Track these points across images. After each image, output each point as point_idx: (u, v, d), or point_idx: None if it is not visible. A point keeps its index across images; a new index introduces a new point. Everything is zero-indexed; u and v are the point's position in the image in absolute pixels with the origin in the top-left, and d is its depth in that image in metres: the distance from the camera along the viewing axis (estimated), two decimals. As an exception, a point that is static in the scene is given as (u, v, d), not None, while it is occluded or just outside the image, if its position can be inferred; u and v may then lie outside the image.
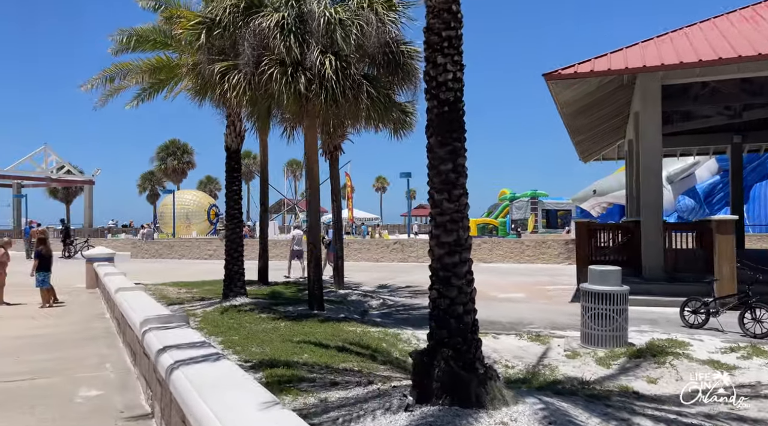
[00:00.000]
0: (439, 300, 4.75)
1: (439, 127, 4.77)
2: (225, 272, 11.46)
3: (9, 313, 11.14)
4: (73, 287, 15.56)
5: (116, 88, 11.44)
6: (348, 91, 8.70)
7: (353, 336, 8.09)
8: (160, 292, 13.97)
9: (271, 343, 7.57)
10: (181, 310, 9.44)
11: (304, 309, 10.36)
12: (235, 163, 11.40)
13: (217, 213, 38.24)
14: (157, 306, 6.54)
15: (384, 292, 14.56)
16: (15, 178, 41.63)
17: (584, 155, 25.06)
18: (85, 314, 10.87)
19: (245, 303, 10.85)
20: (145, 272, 20.31)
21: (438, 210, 4.80)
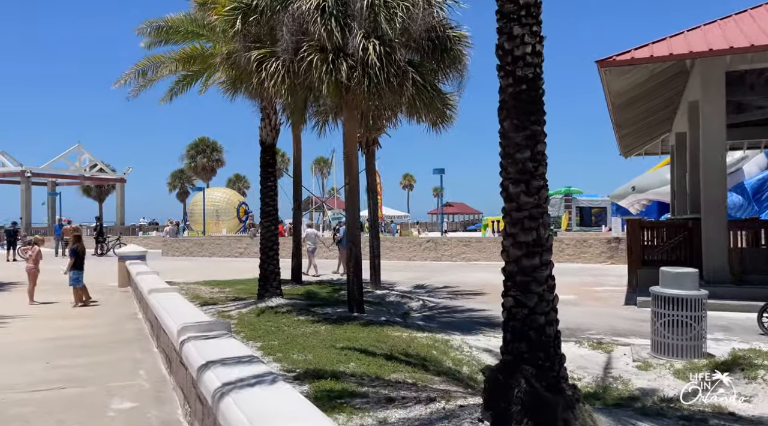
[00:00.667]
0: (516, 309, 4.11)
1: (516, 108, 4.13)
2: (260, 272, 11.00)
3: (41, 312, 10.87)
4: (105, 286, 15.35)
5: (149, 80, 11.08)
6: (392, 78, 8.10)
7: (400, 342, 7.50)
8: (193, 292, 13.62)
9: (313, 349, 7.03)
10: (220, 318, 9.00)
11: (344, 311, 9.81)
12: (270, 157, 10.91)
13: (246, 211, 38.13)
14: (193, 310, 6.05)
15: (422, 292, 13.95)
16: (49, 177, 42.25)
17: (626, 150, 24.00)
18: (117, 314, 10.52)
19: (281, 304, 10.36)
20: (176, 270, 20.09)
21: (514, 205, 4.16)
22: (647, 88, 13.78)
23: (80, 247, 11.78)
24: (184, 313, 5.84)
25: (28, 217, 39.02)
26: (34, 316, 10.38)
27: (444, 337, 8.08)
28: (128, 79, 10.89)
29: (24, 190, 39.43)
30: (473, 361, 6.97)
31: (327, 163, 63.46)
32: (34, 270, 11.86)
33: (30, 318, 10.12)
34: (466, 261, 22.50)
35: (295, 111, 9.86)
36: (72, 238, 11.82)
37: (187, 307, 6.48)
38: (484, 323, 9.74)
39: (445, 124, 12.32)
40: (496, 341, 8.23)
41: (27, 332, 8.75)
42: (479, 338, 8.29)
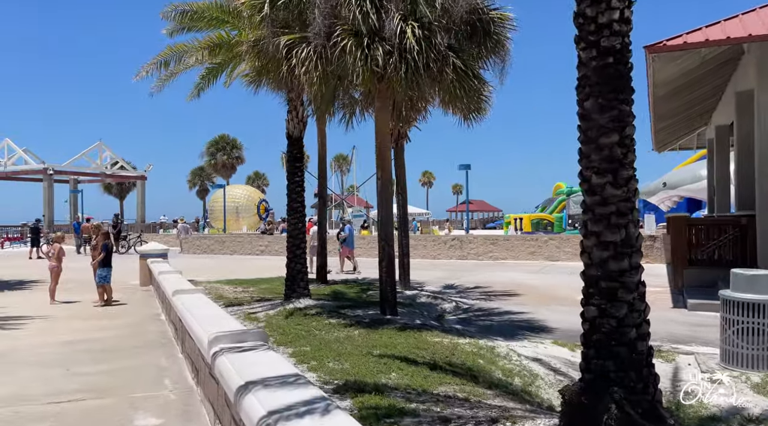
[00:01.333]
0: (602, 320, 3.51)
1: (600, 85, 3.53)
2: (287, 271, 10.50)
3: (62, 312, 10.51)
4: (127, 284, 15.03)
5: (172, 73, 10.65)
6: (432, 64, 7.52)
7: (441, 349, 6.92)
8: (216, 292, 13.19)
9: (349, 356, 6.48)
10: (247, 320, 8.52)
11: (376, 313, 9.26)
12: (297, 151, 10.40)
13: (267, 208, 37.82)
14: (221, 314, 5.54)
15: (452, 293, 13.35)
16: (71, 174, 42.41)
17: (660, 145, 23.06)
18: (139, 315, 10.12)
19: (310, 305, 9.85)
20: (197, 269, 19.75)
21: (597, 198, 3.56)
22: (693, 77, 12.96)
23: (109, 243, 11.39)
24: (211, 318, 5.34)
25: (51, 214, 39.21)
26: (54, 316, 10.02)
27: (487, 343, 7.48)
28: (150, 70, 10.46)
29: (46, 187, 39.63)
30: (524, 371, 6.36)
31: (346, 161, 63.04)
32: (57, 268, 11.51)
33: (50, 318, 9.76)
34: (492, 260, 21.81)
35: (322, 102, 9.32)
36: (101, 235, 11.49)
37: (214, 311, 5.98)
38: (526, 327, 9.12)
39: (477, 117, 11.71)
40: (543, 349, 7.62)
41: (46, 334, 8.36)
42: (525, 345, 7.67)
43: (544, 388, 5.94)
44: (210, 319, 5.23)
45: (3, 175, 41.19)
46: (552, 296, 12.54)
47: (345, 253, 17.61)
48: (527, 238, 22.26)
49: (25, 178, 44.08)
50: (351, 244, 17.84)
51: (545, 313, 10.25)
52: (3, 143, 40.15)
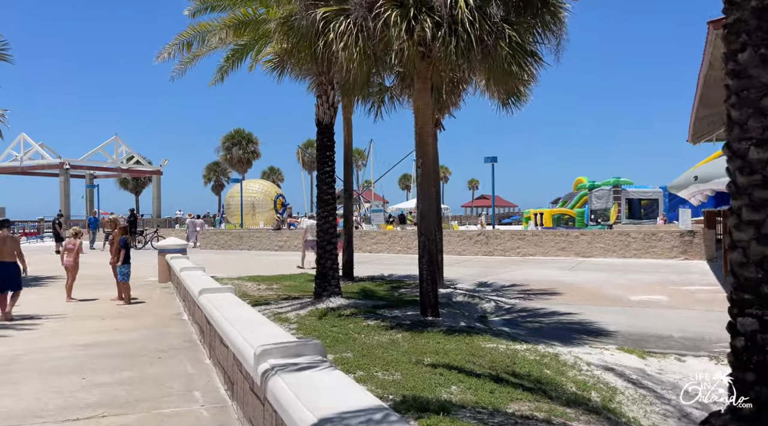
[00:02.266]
0: (764, 335, 2.71)
1: (758, 30, 2.72)
2: (317, 268, 9.78)
3: (78, 311, 9.90)
4: (144, 280, 14.47)
5: (194, 55, 9.97)
6: (486, 36, 6.72)
7: (499, 357, 6.15)
8: (239, 289, 12.51)
9: (398, 365, 5.74)
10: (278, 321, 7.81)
11: (415, 314, 8.51)
12: (328, 139, 9.66)
13: (283, 203, 37.18)
14: (260, 318, 4.82)
15: (488, 291, 12.57)
16: (87, 169, 42.16)
17: (698, 136, 22.06)
18: (160, 315, 9.47)
19: (343, 305, 9.12)
20: (216, 264, 19.15)
21: (757, 178, 2.77)
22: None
23: (128, 238, 10.82)
24: (248, 322, 4.63)
25: (67, 209, 38.97)
26: (69, 315, 9.41)
27: (548, 349, 6.70)
28: (172, 51, 9.78)
29: (63, 182, 39.41)
30: (599, 384, 5.57)
31: (362, 155, 62.32)
32: (73, 264, 10.88)
33: (65, 318, 9.15)
34: (520, 256, 20.96)
35: (357, 85, 8.56)
36: (119, 229, 10.96)
37: (248, 313, 5.26)
38: (581, 330, 8.31)
39: (517, 102, 10.90)
40: (610, 356, 6.81)
41: (60, 336, 7.73)
42: (589, 351, 6.87)
43: (627, 405, 5.15)
44: (247, 324, 4.52)
45: (19, 169, 41.04)
46: (596, 295, 11.70)
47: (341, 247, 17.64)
48: (557, 233, 21.36)
49: (41, 173, 43.95)
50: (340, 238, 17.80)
51: (595, 314, 9.43)
52: (19, 138, 39.96)
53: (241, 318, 4.93)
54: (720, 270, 15.96)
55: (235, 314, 5.13)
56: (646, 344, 7.41)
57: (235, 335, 4.18)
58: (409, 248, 23.47)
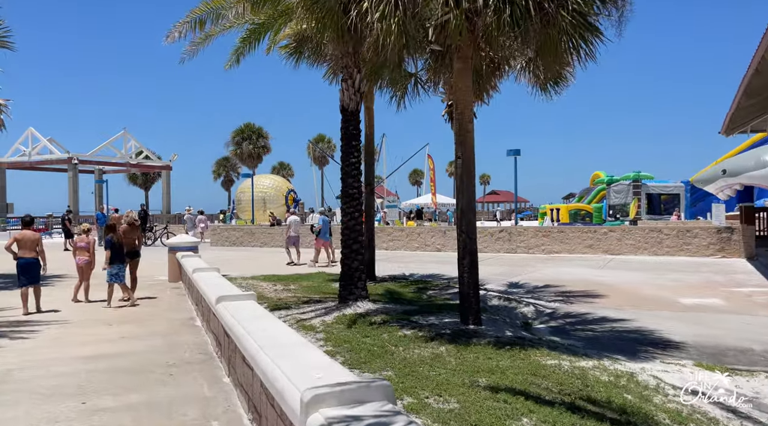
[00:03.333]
0: None
1: None
2: (342, 268, 8.89)
3: (82, 314, 9.12)
4: (154, 279, 13.73)
5: (207, 35, 9.12)
6: (547, 3, 5.80)
7: (566, 378, 5.26)
8: (254, 289, 11.70)
9: (451, 388, 4.87)
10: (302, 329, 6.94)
11: (454, 321, 7.63)
12: (353, 127, 8.76)
13: (295, 198, 36.41)
14: (295, 339, 3.94)
15: (522, 293, 11.66)
16: (96, 164, 41.60)
17: (732, 127, 20.95)
18: (170, 320, 8.66)
19: (371, 310, 8.24)
20: (228, 262, 18.37)
21: None
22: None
23: (115, 237, 10.04)
24: (280, 343, 3.77)
25: (76, 205, 38.40)
26: (72, 320, 8.62)
27: (617, 367, 5.80)
28: (183, 30, 8.91)
29: (71, 177, 38.83)
30: (696, 414, 4.67)
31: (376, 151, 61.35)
32: (88, 263, 10.17)
33: (67, 323, 8.35)
34: (545, 253, 20.00)
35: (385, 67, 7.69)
36: (105, 227, 10.54)
37: (278, 328, 4.39)
38: (642, 341, 7.39)
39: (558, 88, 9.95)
40: (690, 374, 5.88)
41: (60, 346, 6.93)
42: (664, 369, 5.96)
43: (736, 442, 4.24)
44: (277, 344, 3.66)
45: (27, 165, 40.52)
46: (641, 297, 10.76)
47: (319, 245, 17.48)
48: (583, 229, 20.37)
49: (49, 169, 43.43)
50: (325, 236, 17.44)
51: (650, 321, 8.51)
52: (27, 133, 39.42)
53: (269, 334, 4.08)
54: (766, 269, 14.96)
55: (260, 329, 4.28)
56: (724, 358, 6.48)
57: (265, 362, 3.32)
58: (426, 245, 22.58)
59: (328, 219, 18.24)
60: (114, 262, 9.76)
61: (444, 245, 22.08)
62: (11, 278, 14.56)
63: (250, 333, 4.11)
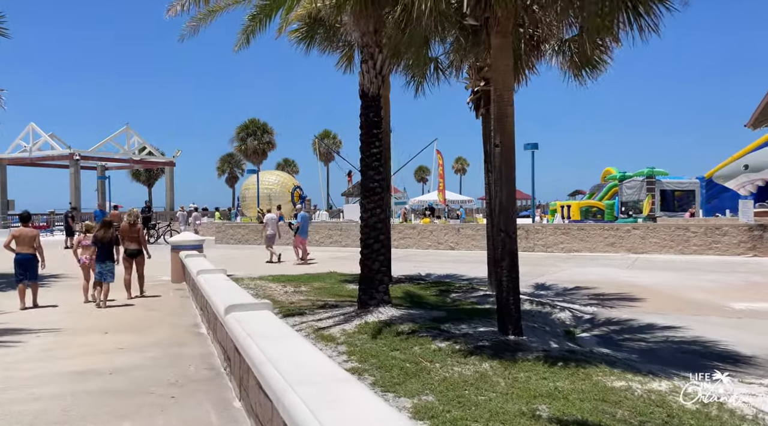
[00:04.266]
0: None
1: None
2: (361, 270, 8.04)
3: (76, 319, 8.33)
4: (156, 280, 12.93)
5: (211, 11, 8.29)
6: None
7: (644, 405, 4.41)
8: (263, 291, 10.92)
9: (507, 419, 4.04)
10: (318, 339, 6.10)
11: (489, 330, 6.79)
12: (374, 113, 7.91)
13: (301, 195, 35.56)
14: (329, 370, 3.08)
15: (551, 295, 10.83)
16: (98, 160, 40.85)
17: (761, 119, 20.00)
18: (172, 327, 7.85)
19: (395, 317, 7.40)
20: (234, 261, 17.57)
21: None
22: None
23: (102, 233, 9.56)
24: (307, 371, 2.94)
25: (78, 202, 37.64)
26: (66, 327, 7.81)
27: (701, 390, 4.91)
28: (186, 4, 8.08)
29: (73, 174, 38.07)
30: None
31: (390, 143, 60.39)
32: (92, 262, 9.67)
33: (60, 332, 7.54)
34: (564, 252, 19.13)
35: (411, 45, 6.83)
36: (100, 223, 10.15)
37: (301, 349, 3.56)
38: (706, 354, 6.54)
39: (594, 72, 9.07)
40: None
41: (47, 359, 6.11)
42: (752, 391, 5.06)
43: None
44: (310, 378, 2.82)
45: (28, 161, 39.77)
46: (684, 301, 9.91)
47: (297, 242, 17.31)
48: (605, 226, 19.49)
49: (51, 165, 42.69)
50: (304, 234, 17.28)
51: (706, 329, 7.66)
52: (28, 128, 38.65)
53: (294, 361, 3.24)
54: (807, 269, 14.07)
55: (283, 354, 3.43)
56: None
57: (296, 407, 2.47)
58: (439, 243, 21.74)
59: (307, 216, 18.15)
60: (99, 260, 9.34)
61: (457, 243, 21.23)
62: (6, 278, 13.82)
63: (271, 359, 3.27)
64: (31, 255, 9.10)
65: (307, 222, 17.74)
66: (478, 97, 9.86)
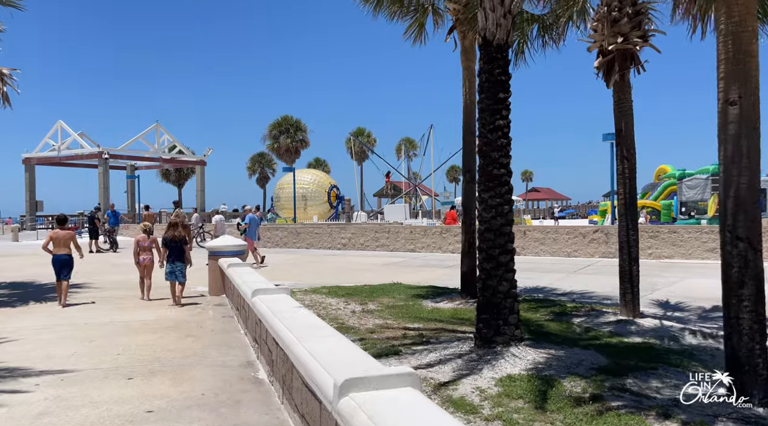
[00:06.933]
0: None
1: None
2: (482, 293, 5.69)
3: (96, 355, 6.23)
4: (192, 290, 11.00)
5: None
6: None
7: None
8: (324, 310, 8.74)
9: None
10: (440, 399, 3.85)
11: (719, 396, 4.38)
12: (501, 70, 5.53)
13: (338, 195, 33.50)
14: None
15: (692, 318, 8.41)
16: (127, 158, 39.41)
17: None
18: (216, 368, 5.70)
19: (541, 364, 5.06)
20: (277, 268, 15.52)
21: None
22: None
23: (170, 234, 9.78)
24: None
25: (106, 202, 36.24)
26: (75, 369, 5.71)
27: None
28: None
29: (102, 173, 36.68)
30: None
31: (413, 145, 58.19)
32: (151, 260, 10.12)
33: (67, 377, 5.43)
34: (654, 258, 16.52)
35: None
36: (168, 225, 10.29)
37: None
38: None
39: None
40: None
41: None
42: None
43: None
44: None
45: (57, 160, 38.53)
46: None
47: (249, 246, 15.33)
48: (702, 229, 16.82)
49: (79, 164, 41.44)
50: (253, 236, 15.88)
51: None
52: (56, 126, 37.39)
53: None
54: None
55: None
56: None
57: None
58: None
59: (257, 218, 16.73)
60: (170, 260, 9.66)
61: (524, 248, 18.76)
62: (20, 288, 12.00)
63: None
64: (68, 255, 9.58)
65: (256, 224, 16.40)
66: (611, 59, 7.48)
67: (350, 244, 21.95)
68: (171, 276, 9.52)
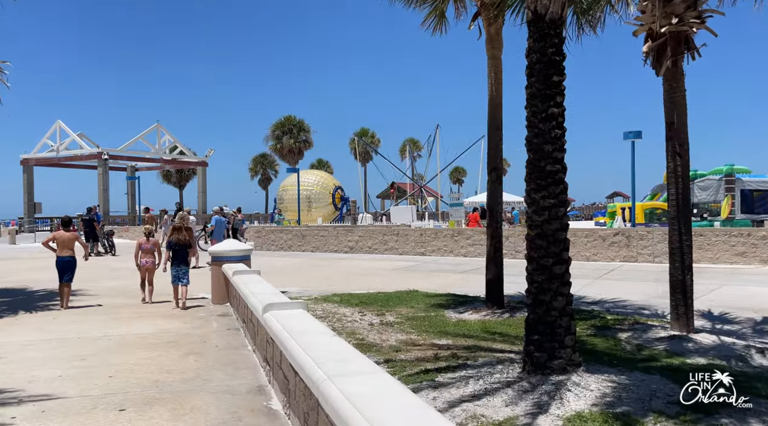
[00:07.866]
0: None
1: None
2: (532, 309, 4.87)
3: (87, 377, 5.43)
4: (193, 297, 10.23)
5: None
6: None
7: None
8: (339, 323, 7.96)
9: None
10: None
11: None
12: (555, 49, 4.69)
13: (343, 196, 32.71)
14: None
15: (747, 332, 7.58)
16: (127, 159, 38.68)
17: None
18: (222, 397, 4.90)
19: (609, 396, 4.26)
20: (282, 273, 14.73)
21: None
22: None
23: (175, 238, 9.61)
24: None
25: (106, 204, 35.49)
26: (62, 395, 4.92)
27: None
28: None
29: (101, 174, 35.92)
30: None
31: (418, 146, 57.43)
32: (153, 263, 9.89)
33: (50, 407, 4.64)
34: (678, 263, 15.67)
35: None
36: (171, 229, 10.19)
37: None
38: None
39: None
40: None
41: None
42: None
43: None
44: None
45: (55, 161, 37.78)
46: None
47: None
48: (731, 232, 16.00)
49: (79, 165, 40.69)
50: (219, 238, 15.63)
51: None
52: (55, 126, 36.64)
53: None
54: None
55: None
56: None
57: None
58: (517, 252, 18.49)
59: (224, 219, 16.49)
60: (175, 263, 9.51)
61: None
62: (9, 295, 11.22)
63: None
64: (70, 257, 9.63)
65: (222, 227, 16.20)
66: (662, 43, 6.69)
67: (357, 248, 21.16)
68: (177, 280, 9.34)
